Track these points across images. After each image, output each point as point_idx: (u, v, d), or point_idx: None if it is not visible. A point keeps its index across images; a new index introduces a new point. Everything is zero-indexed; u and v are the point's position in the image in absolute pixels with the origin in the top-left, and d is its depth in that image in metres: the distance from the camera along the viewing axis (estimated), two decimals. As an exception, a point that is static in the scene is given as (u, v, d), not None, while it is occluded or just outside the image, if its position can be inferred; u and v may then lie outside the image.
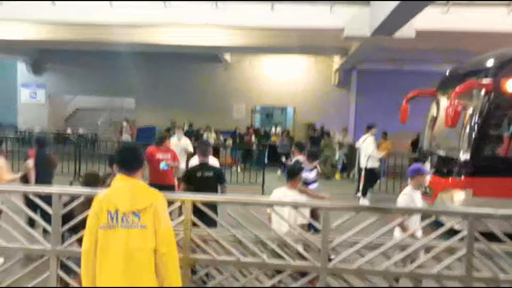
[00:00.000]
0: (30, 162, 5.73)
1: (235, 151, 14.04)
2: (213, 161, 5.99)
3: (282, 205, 3.68)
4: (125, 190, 2.54)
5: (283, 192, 4.32)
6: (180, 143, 7.97)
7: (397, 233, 3.83)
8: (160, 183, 5.67)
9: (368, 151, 9.14)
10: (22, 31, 12.44)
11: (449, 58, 12.75)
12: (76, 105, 21.59)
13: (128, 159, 2.62)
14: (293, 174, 4.37)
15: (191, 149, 7.83)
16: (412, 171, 4.25)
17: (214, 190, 4.81)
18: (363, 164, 9.35)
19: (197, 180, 4.86)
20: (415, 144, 13.31)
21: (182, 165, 7.20)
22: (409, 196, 4.12)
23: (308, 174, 5.83)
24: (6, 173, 5.37)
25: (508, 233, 3.03)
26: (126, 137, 15.21)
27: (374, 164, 9.25)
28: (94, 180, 4.12)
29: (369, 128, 9.47)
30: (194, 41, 12.56)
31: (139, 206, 2.49)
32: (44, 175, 5.76)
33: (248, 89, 17.79)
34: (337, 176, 13.48)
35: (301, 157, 6.14)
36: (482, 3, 8.69)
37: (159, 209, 2.53)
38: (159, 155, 6.30)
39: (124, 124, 15.92)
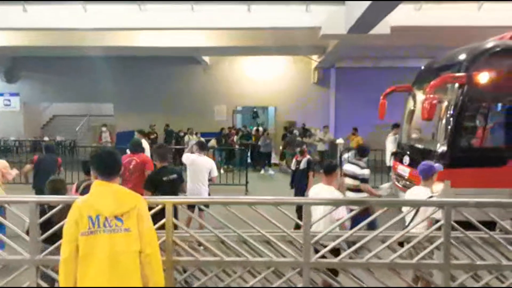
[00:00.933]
0: (28, 166, 7.09)
1: (218, 152, 14.00)
2: (206, 160, 6.44)
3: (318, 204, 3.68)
4: (106, 195, 2.51)
5: (319, 188, 4.38)
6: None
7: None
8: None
9: (389, 149, 9.77)
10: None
11: (424, 53, 13.04)
12: (53, 112, 21.18)
13: (107, 164, 2.59)
14: (330, 170, 4.39)
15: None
16: (428, 171, 4.32)
17: (178, 192, 5.19)
18: (387, 163, 9.90)
19: (164, 183, 4.94)
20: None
21: None
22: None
23: (364, 171, 5.90)
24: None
25: (485, 221, 3.12)
26: (105, 142, 14.95)
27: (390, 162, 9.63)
28: (60, 186, 4.06)
29: (394, 127, 9.99)
30: (171, 43, 12.48)
31: (122, 209, 2.47)
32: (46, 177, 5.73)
33: (229, 90, 17.77)
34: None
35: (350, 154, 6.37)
36: (452, -1, 8.93)
37: (142, 211, 2.54)
38: (126, 161, 6.00)
39: (104, 129, 15.67)
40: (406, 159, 7.62)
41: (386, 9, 7.43)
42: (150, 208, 2.87)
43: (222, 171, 13.34)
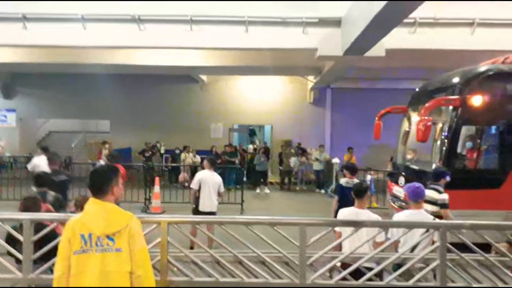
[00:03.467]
0: None
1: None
2: (217, 176, 6.88)
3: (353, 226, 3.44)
4: (98, 213, 2.50)
5: (355, 212, 4.12)
6: None
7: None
8: None
9: None
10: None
11: (419, 75, 13.25)
12: (49, 128, 21.12)
13: (96, 183, 2.57)
14: (361, 193, 4.21)
15: None
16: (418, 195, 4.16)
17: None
18: None
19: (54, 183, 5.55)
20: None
21: None
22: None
23: (443, 196, 5.52)
24: None
25: (481, 243, 3.12)
26: (104, 159, 14.69)
27: None
28: (33, 204, 3.99)
29: None
30: (169, 61, 12.60)
31: (113, 228, 2.45)
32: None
33: (225, 108, 17.86)
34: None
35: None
36: (446, 23, 9.10)
37: (133, 230, 2.50)
38: None
39: (106, 146, 15.47)
40: (402, 180, 7.65)
41: (381, 33, 7.58)
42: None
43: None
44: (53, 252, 3.14)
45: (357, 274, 3.02)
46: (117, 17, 9.07)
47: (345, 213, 4.21)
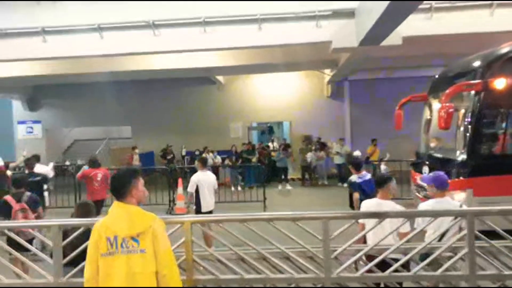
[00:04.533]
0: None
1: (235, 170, 14.06)
2: (209, 174, 7.08)
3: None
4: (121, 216, 2.55)
5: (377, 203, 4.06)
6: None
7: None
8: (99, 198, 7.58)
9: None
10: (16, 69, 12.61)
11: (438, 62, 12.94)
12: (74, 137, 21.68)
13: (115, 186, 2.64)
14: (383, 184, 4.12)
15: None
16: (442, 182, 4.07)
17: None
18: None
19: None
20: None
21: None
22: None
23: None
24: None
25: (510, 230, 3.04)
26: (136, 165, 14.84)
27: None
28: (90, 209, 4.12)
29: None
30: (185, 64, 12.71)
31: (136, 230, 2.50)
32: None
33: (243, 107, 17.92)
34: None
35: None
36: (463, 6, 8.84)
37: (157, 231, 2.53)
38: (92, 174, 7.87)
39: (137, 151, 15.81)
40: (426, 169, 7.51)
41: (396, 20, 7.42)
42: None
43: (239, 188, 13.36)
44: (82, 256, 3.24)
45: (383, 265, 2.99)
46: (132, 24, 9.21)
47: (368, 204, 4.15)
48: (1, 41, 9.39)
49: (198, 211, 6.84)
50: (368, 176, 6.28)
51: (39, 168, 8.62)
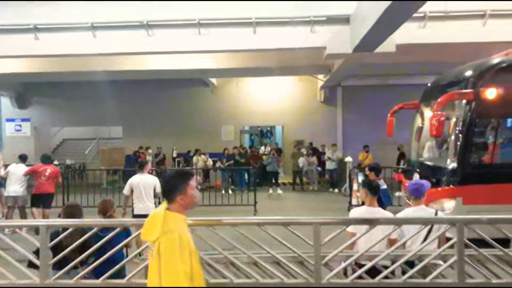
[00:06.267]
0: None
1: (226, 172, 14.04)
2: (149, 177, 6.95)
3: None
4: (148, 220, 2.44)
5: (368, 211, 4.02)
6: None
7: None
8: (42, 191, 8.40)
9: None
10: (5, 66, 12.44)
11: (431, 70, 13.08)
12: (63, 136, 21.43)
13: (163, 189, 2.49)
14: (372, 191, 4.12)
15: None
16: (421, 189, 4.08)
17: None
18: None
19: None
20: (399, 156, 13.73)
21: None
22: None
23: None
24: None
25: (500, 238, 3.06)
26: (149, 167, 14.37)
27: None
28: (76, 212, 4.04)
29: None
30: (178, 66, 12.67)
31: (146, 237, 2.38)
32: None
33: (236, 110, 17.90)
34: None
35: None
36: (457, 16, 8.95)
37: (161, 249, 2.29)
38: (41, 169, 8.50)
39: (150, 151, 15.61)
40: (416, 176, 7.55)
41: (391, 28, 7.49)
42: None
43: (230, 191, 13.32)
44: (69, 258, 3.19)
45: (372, 272, 2.98)
46: (125, 24, 9.16)
47: (358, 212, 4.14)
48: (-8, 37, 9.27)
49: (134, 213, 6.71)
50: (384, 185, 6.16)
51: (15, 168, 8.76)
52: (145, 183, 6.74)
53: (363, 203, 4.32)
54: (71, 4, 8.98)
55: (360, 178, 9.37)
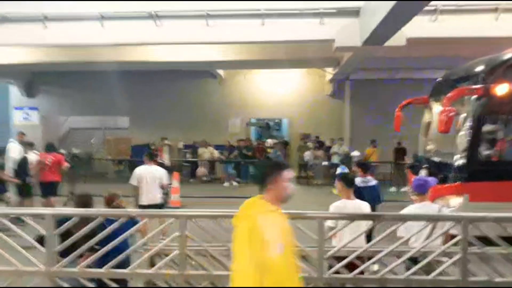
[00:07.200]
0: None
1: (229, 165, 14.08)
2: (156, 168, 6.92)
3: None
4: (243, 205, 2.45)
5: (343, 203, 4.18)
6: None
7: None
8: (46, 180, 8.49)
9: None
10: (15, 55, 12.51)
11: (441, 64, 12.90)
12: (70, 125, 21.55)
13: (255, 177, 2.50)
14: (349, 183, 4.28)
15: None
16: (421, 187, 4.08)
17: None
18: None
19: None
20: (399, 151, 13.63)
21: None
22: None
23: None
24: None
25: (506, 236, 3.02)
26: (166, 157, 13.56)
27: None
28: (89, 201, 4.11)
29: None
30: (186, 57, 12.65)
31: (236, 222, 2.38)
32: None
33: (243, 103, 17.84)
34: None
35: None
36: (469, 10, 8.81)
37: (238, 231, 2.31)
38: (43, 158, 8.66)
39: (166, 142, 15.42)
40: (423, 172, 7.49)
41: (401, 21, 7.39)
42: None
43: (234, 183, 13.35)
44: (76, 246, 3.22)
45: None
46: (133, 14, 9.15)
47: (334, 205, 4.23)
48: (1, 25, 9.31)
49: (139, 204, 6.74)
50: (373, 182, 5.94)
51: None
52: (151, 174, 6.77)
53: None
54: (80, -7, 8.99)
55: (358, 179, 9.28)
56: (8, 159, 8.59)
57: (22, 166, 8.59)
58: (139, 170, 6.85)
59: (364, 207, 4.11)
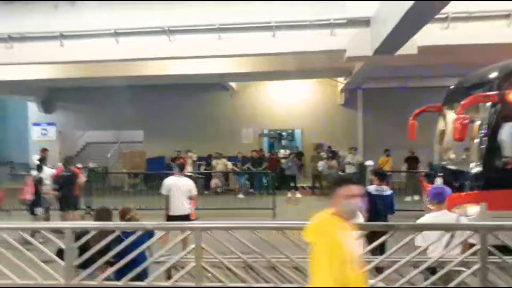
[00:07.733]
0: None
1: (242, 177, 14.10)
2: (185, 180, 7.01)
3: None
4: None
5: None
6: None
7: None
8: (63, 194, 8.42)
9: None
10: (33, 72, 12.85)
11: (454, 72, 12.79)
12: (86, 140, 21.91)
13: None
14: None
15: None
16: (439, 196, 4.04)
17: None
18: None
19: None
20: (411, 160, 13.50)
21: None
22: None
23: None
24: None
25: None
26: (189, 169, 13.97)
27: None
28: (106, 215, 4.18)
29: None
30: (198, 70, 12.81)
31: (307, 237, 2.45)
32: None
33: (255, 114, 17.94)
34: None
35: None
36: (480, 17, 8.75)
37: (314, 248, 2.34)
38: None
39: (190, 154, 15.65)
40: (438, 181, 7.39)
41: (412, 30, 7.37)
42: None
43: (243, 195, 13.37)
44: (93, 259, 3.27)
45: None
46: (147, 30, 9.33)
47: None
48: (19, 44, 9.60)
49: (168, 214, 6.86)
50: (388, 191, 5.92)
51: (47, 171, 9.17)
52: (180, 185, 6.88)
53: None
54: (95, 11, 9.21)
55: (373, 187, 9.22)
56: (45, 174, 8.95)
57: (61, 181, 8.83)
58: (169, 181, 6.96)
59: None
